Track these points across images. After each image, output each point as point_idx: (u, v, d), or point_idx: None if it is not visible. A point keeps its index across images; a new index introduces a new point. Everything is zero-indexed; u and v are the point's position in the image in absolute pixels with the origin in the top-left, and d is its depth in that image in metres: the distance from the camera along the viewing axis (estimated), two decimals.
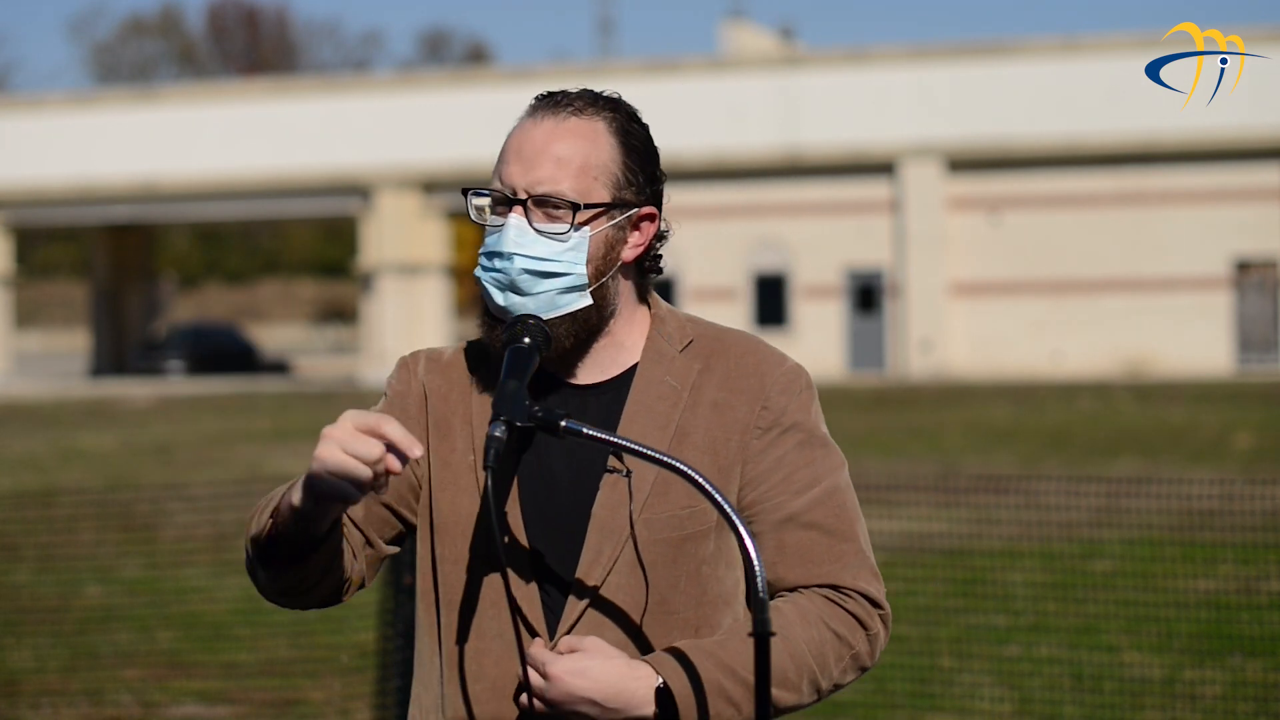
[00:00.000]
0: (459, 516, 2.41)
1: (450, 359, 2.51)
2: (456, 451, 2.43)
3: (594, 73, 39.29)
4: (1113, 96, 35.26)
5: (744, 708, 2.30)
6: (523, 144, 2.39)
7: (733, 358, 2.44)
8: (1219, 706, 6.69)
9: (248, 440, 22.23)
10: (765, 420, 2.41)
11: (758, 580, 2.13)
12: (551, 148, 2.38)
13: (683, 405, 2.41)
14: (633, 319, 2.46)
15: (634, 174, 2.42)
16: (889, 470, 15.55)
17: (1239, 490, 8.25)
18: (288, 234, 74.64)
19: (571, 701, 2.26)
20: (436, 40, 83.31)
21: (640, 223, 2.44)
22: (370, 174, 40.12)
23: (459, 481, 2.42)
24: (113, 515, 11.09)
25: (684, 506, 2.37)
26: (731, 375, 2.43)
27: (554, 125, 2.40)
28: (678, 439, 2.39)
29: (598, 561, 2.36)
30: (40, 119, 43.09)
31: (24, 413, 30.23)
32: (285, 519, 2.28)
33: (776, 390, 2.42)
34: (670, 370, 2.43)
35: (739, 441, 2.40)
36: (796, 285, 38.25)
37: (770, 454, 2.41)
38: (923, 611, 8.02)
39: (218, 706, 7.30)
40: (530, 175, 2.37)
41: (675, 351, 2.44)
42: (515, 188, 2.38)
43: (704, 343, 2.46)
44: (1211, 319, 36.16)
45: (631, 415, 2.40)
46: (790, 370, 2.45)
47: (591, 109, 2.43)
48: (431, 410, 2.46)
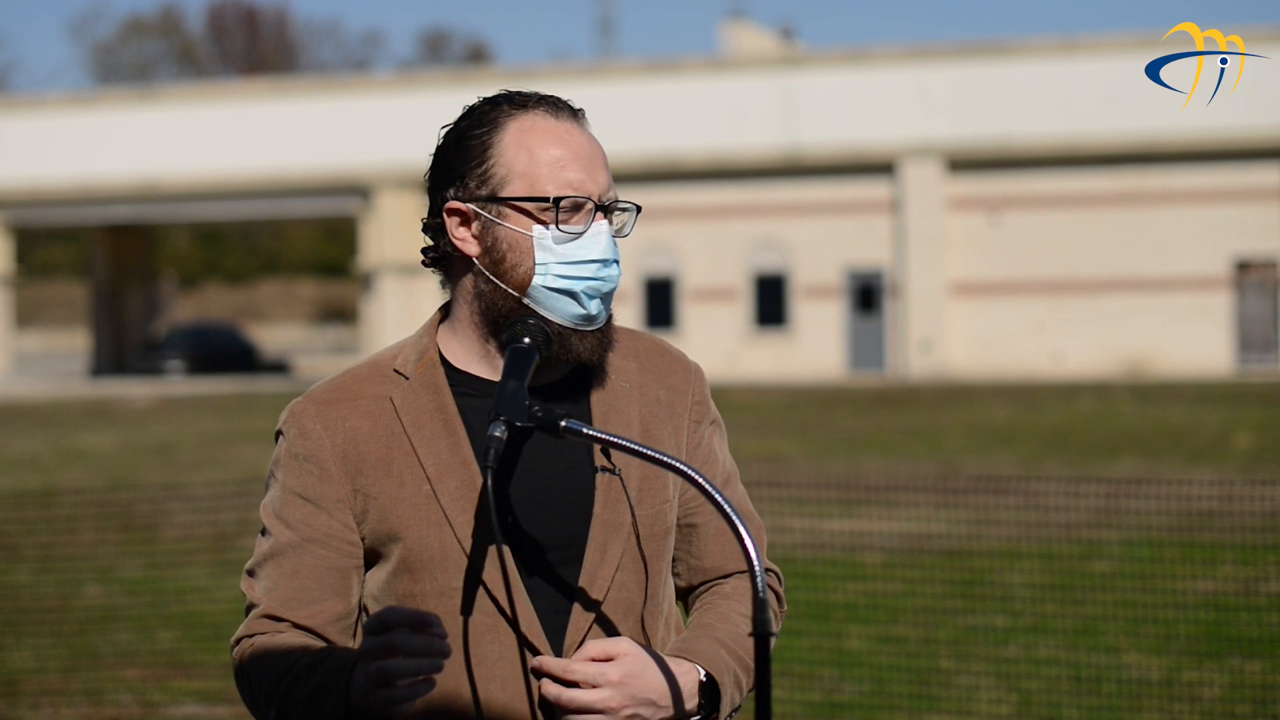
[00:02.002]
0: (433, 550, 2.33)
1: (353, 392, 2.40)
2: (407, 486, 2.34)
3: (594, 73, 39.29)
4: (1112, 96, 35.25)
5: (745, 686, 2.40)
6: (578, 149, 2.36)
7: (654, 355, 2.49)
8: (1218, 708, 6.68)
9: (248, 440, 22.22)
10: (697, 414, 2.49)
11: (757, 580, 2.13)
12: (597, 155, 2.38)
13: (637, 402, 2.44)
14: None
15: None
16: (889, 470, 15.55)
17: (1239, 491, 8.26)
18: (288, 234, 74.63)
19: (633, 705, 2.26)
20: (436, 40, 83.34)
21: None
22: (370, 174, 40.13)
23: (419, 515, 2.34)
24: (113, 515, 11.09)
25: (664, 501, 2.42)
26: (661, 372, 2.48)
27: (583, 132, 2.40)
28: (644, 435, 2.42)
29: (604, 559, 2.36)
30: (40, 119, 43.08)
31: (24, 413, 30.22)
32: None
33: (698, 385, 2.50)
34: (613, 369, 2.44)
35: (685, 437, 2.47)
36: (796, 285, 38.24)
37: (704, 446, 2.49)
38: (922, 612, 8.02)
39: (218, 706, 7.30)
40: (599, 180, 2.37)
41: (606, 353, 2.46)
42: (592, 194, 2.36)
43: (626, 342, 2.48)
44: (1211, 319, 36.15)
45: (603, 415, 2.41)
46: (698, 367, 2.53)
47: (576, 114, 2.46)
48: (360, 456, 2.36)
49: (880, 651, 7.55)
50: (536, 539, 2.34)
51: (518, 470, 2.36)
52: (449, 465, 2.34)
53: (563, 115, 2.38)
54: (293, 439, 2.39)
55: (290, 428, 2.40)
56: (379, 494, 2.35)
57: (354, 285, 51.71)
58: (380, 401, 2.38)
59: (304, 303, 77.83)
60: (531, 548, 2.34)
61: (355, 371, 2.44)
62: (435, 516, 2.33)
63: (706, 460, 2.48)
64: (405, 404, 2.38)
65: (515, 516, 2.34)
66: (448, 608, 2.32)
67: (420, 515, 2.34)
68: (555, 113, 2.38)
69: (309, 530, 2.37)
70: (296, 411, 2.41)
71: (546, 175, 2.33)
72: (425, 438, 2.36)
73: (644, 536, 2.39)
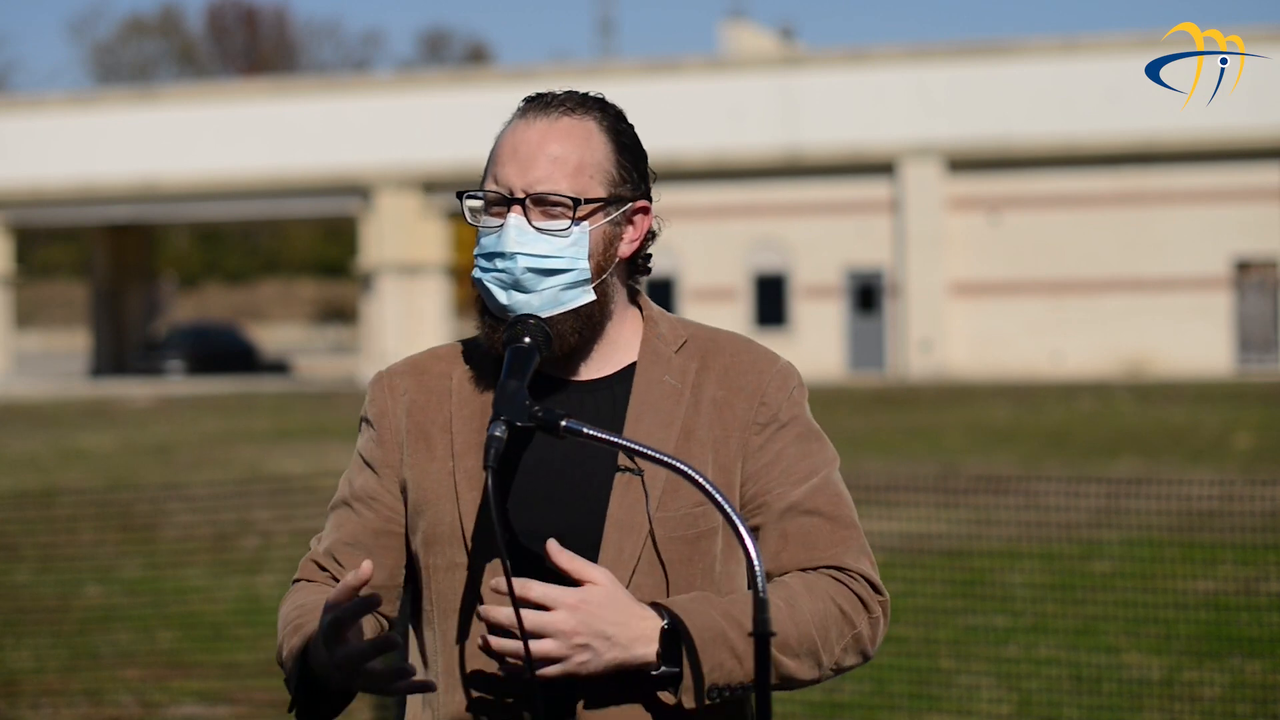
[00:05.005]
0: (445, 525, 2.40)
1: (424, 366, 2.52)
2: (436, 460, 2.44)
3: (594, 73, 39.28)
4: (1112, 96, 35.25)
5: (746, 662, 2.28)
6: (517, 145, 2.41)
7: (727, 356, 2.48)
8: (1218, 708, 6.68)
9: (248, 440, 22.22)
10: (763, 416, 2.44)
11: (758, 580, 2.13)
12: (547, 147, 2.40)
13: (685, 403, 2.42)
14: (624, 318, 2.48)
15: (627, 170, 2.44)
16: (889, 470, 15.54)
17: (1239, 490, 8.26)
18: (288, 234, 74.63)
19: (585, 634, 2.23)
20: (436, 40, 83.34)
21: (634, 217, 2.46)
22: (370, 174, 40.12)
23: (440, 489, 2.42)
24: (113, 515, 11.09)
25: (696, 504, 2.38)
26: (729, 373, 2.46)
27: (547, 125, 2.41)
28: (683, 437, 2.40)
29: (619, 560, 2.35)
30: (40, 119, 43.08)
31: (24, 413, 30.22)
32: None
33: (773, 387, 2.45)
34: (669, 369, 2.45)
35: (739, 439, 2.43)
36: (796, 285, 38.24)
37: (769, 449, 2.43)
38: (922, 612, 8.02)
39: (218, 706, 7.30)
40: (528, 175, 2.39)
41: (671, 351, 2.47)
42: (513, 188, 2.39)
43: (698, 343, 2.49)
44: (1211, 319, 36.15)
45: (637, 414, 2.41)
46: (784, 368, 2.49)
47: (581, 109, 2.45)
48: (411, 425, 2.47)
49: (880, 651, 7.52)
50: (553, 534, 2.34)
51: (535, 466, 2.39)
52: (473, 445, 2.41)
53: (533, 114, 2.43)
54: (367, 403, 2.53)
55: (368, 392, 2.55)
56: (415, 465, 2.45)
57: (354, 285, 51.71)
58: (443, 379, 2.48)
59: (304, 303, 77.84)
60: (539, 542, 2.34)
61: (438, 349, 2.55)
62: (449, 493, 2.41)
63: (770, 463, 2.42)
64: (460, 383, 2.47)
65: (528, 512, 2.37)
66: (455, 582, 2.40)
67: (440, 490, 2.42)
68: (528, 113, 2.44)
69: (361, 490, 2.49)
70: (375, 378, 2.55)
71: (487, 176, 2.43)
72: (464, 416, 2.44)
73: (662, 539, 2.36)
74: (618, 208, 2.42)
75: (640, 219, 2.46)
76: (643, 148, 2.50)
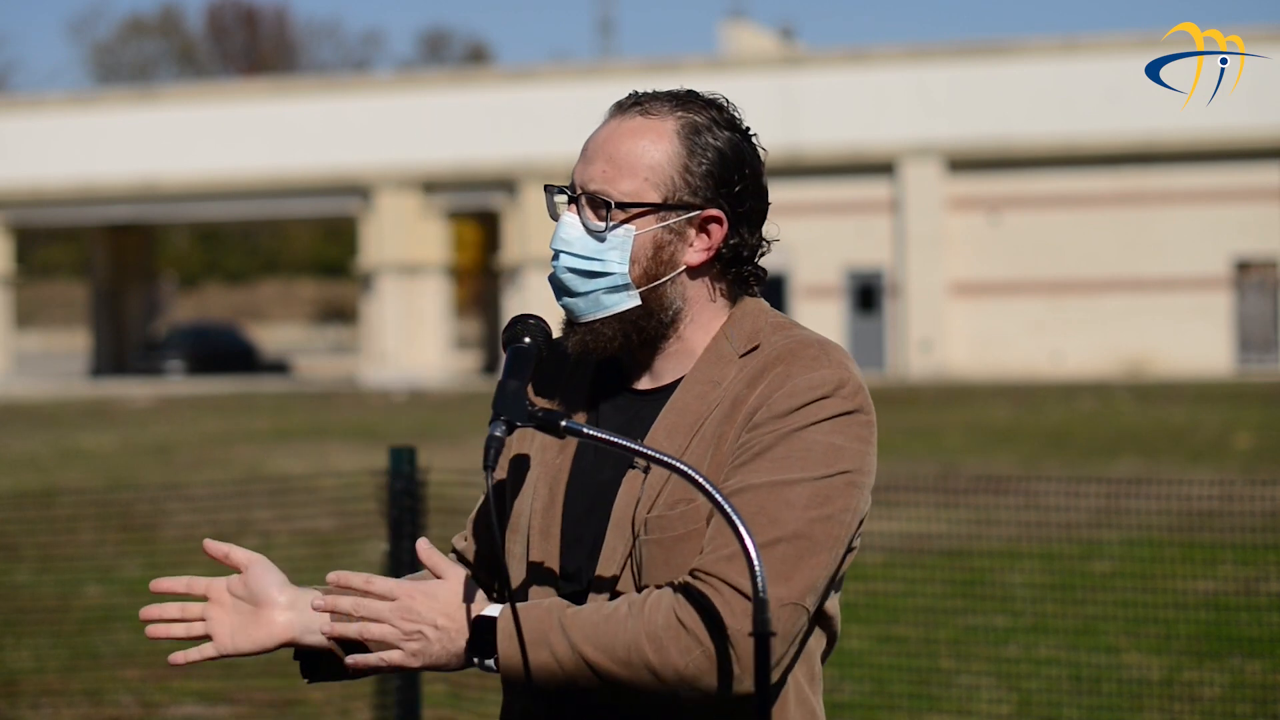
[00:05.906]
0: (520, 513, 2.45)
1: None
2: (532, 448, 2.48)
3: (594, 73, 39.25)
4: (1112, 96, 35.25)
5: (566, 664, 2.24)
6: (589, 141, 2.42)
7: (784, 364, 2.34)
8: (1218, 708, 6.69)
9: (248, 440, 22.22)
10: (760, 417, 2.32)
11: (757, 580, 2.13)
12: (607, 146, 2.38)
13: (712, 405, 2.36)
14: (710, 324, 2.41)
15: (694, 176, 2.37)
16: (889, 470, 15.52)
17: (1239, 490, 8.26)
18: (288, 234, 74.63)
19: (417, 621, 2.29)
20: (436, 40, 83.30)
21: (707, 226, 2.38)
22: (370, 174, 40.11)
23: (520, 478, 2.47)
24: (113, 515, 11.09)
25: (681, 504, 2.32)
26: (771, 380, 2.34)
27: (618, 124, 2.41)
28: (695, 437, 2.36)
29: (612, 560, 2.36)
30: (40, 119, 43.07)
31: (24, 413, 30.21)
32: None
33: (785, 393, 2.32)
34: (720, 371, 2.37)
35: (734, 438, 2.34)
36: (796, 285, 38.24)
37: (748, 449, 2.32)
38: (922, 612, 8.03)
39: (218, 706, 7.30)
40: (585, 173, 2.39)
41: (735, 354, 2.38)
42: (575, 184, 2.40)
43: (771, 349, 2.37)
44: (1211, 319, 36.15)
45: (670, 421, 2.37)
46: (814, 379, 2.33)
47: (666, 109, 2.41)
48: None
49: (880, 651, 7.55)
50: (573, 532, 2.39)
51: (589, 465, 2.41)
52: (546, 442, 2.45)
53: (615, 111, 2.45)
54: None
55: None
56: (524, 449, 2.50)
57: (354, 285, 51.69)
58: (587, 367, 2.49)
59: (304, 303, 77.84)
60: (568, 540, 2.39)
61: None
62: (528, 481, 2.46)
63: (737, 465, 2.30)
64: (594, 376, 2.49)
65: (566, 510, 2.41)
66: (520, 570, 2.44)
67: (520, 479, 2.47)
68: (613, 110, 2.45)
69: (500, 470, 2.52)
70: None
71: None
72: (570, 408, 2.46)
73: (644, 540, 2.33)
74: (675, 214, 2.36)
75: (715, 229, 2.38)
76: (740, 154, 2.42)
